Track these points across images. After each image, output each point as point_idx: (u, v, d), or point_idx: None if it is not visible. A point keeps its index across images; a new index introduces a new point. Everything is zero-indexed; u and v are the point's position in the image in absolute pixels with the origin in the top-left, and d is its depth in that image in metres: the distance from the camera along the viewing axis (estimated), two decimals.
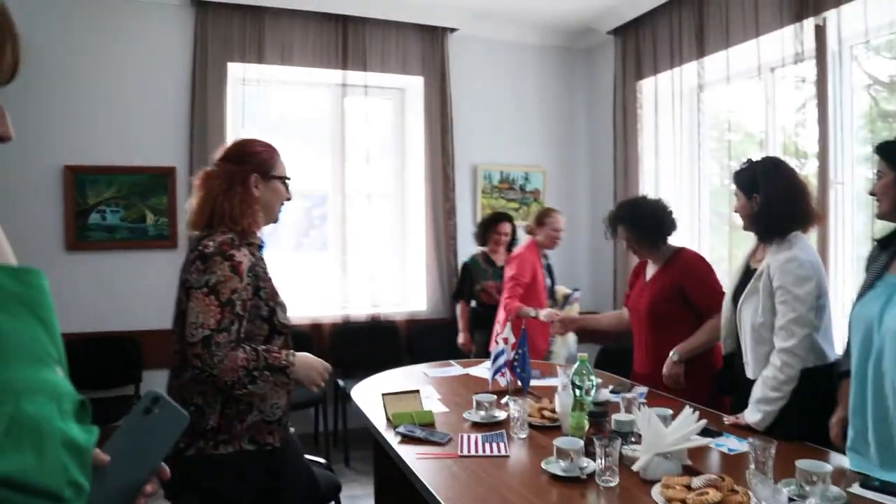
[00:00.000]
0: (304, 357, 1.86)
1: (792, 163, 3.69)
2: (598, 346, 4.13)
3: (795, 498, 1.43)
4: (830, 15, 3.43)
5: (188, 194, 4.23)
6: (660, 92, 4.65)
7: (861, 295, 1.87)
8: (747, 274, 2.35)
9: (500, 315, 3.90)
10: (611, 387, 2.69)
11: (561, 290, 4.20)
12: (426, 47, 4.87)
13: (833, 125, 3.53)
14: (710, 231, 4.57)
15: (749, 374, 2.28)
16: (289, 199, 2.00)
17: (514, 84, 5.26)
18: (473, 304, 4.38)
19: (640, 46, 4.76)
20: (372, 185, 4.88)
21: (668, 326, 2.74)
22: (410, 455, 2.05)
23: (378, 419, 2.38)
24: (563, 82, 5.45)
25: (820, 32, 3.50)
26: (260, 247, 1.92)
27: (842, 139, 3.54)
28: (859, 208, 3.54)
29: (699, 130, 4.49)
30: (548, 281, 4.17)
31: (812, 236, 3.43)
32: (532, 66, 5.33)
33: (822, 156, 3.50)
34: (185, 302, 1.75)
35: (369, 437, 2.35)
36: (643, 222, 2.83)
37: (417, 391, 2.48)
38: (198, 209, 1.87)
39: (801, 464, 1.63)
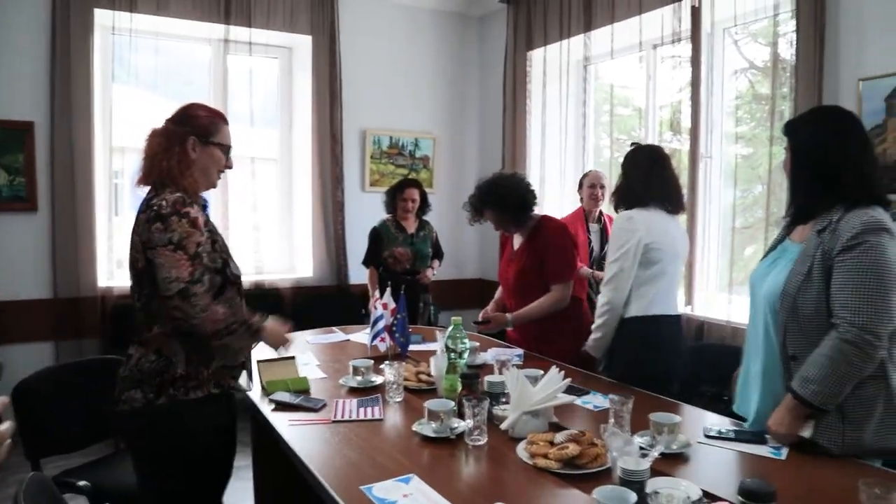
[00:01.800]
0: (274, 324, 2.06)
1: (671, 138, 3.93)
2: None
3: (646, 447, 1.51)
4: None
5: (49, 151, 3.97)
6: (549, 63, 4.72)
7: (763, 258, 2.01)
8: None
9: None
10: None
11: None
12: (315, 5, 4.68)
13: (705, 102, 3.73)
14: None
15: None
16: (229, 168, 2.05)
17: (406, 48, 5.18)
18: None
19: (532, 16, 4.80)
20: (256, 147, 4.69)
21: (535, 294, 2.83)
22: (282, 422, 2.01)
23: (253, 387, 2.31)
24: (456, 49, 5.42)
25: (696, 13, 3.67)
26: (203, 206, 1.99)
27: (712, 116, 3.75)
28: (727, 182, 3.76)
29: (586, 102, 4.61)
30: (595, 248, 4.00)
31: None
32: (424, 30, 5.26)
33: (694, 131, 3.70)
34: (141, 261, 1.83)
35: (249, 406, 2.30)
36: (509, 203, 2.85)
37: (293, 357, 2.42)
38: (142, 166, 1.94)
39: (654, 416, 1.74)
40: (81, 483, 2.25)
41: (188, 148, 1.92)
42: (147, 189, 1.93)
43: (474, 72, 5.52)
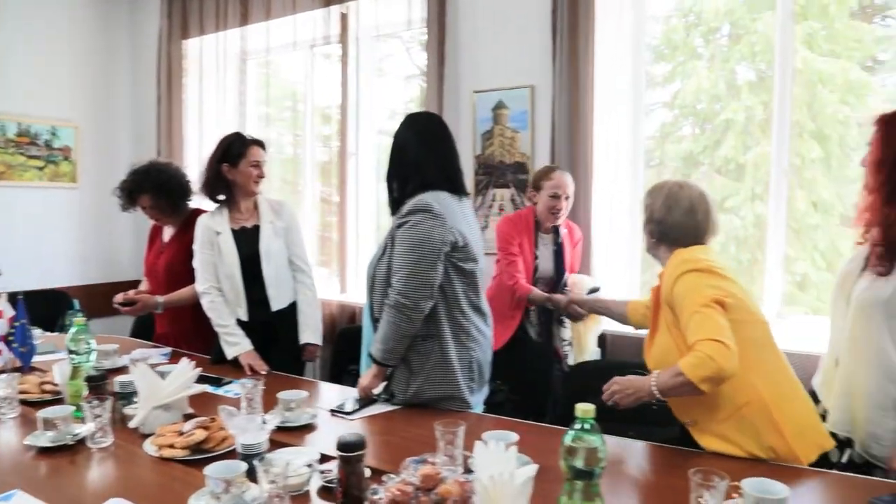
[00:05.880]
0: None
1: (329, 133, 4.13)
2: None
3: (266, 420, 1.62)
4: (352, 6, 3.90)
5: None
6: (205, 54, 4.61)
7: None
8: None
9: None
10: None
11: (583, 281, 2.98)
12: None
13: (354, 102, 4.01)
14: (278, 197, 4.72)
15: None
16: None
17: (40, 26, 4.54)
18: None
19: (187, 4, 4.63)
20: None
21: (186, 284, 2.76)
22: None
23: None
24: (101, 31, 4.93)
25: (344, 20, 3.94)
26: None
27: (359, 116, 4.05)
28: (370, 177, 4.09)
29: (244, 95, 4.58)
30: (548, 267, 2.99)
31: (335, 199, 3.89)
32: (61, 8, 4.67)
33: (342, 130, 3.97)
34: None
35: None
36: (169, 189, 2.82)
37: None
38: None
39: (281, 394, 1.91)
40: None
41: None
42: None
43: (124, 58, 5.10)
